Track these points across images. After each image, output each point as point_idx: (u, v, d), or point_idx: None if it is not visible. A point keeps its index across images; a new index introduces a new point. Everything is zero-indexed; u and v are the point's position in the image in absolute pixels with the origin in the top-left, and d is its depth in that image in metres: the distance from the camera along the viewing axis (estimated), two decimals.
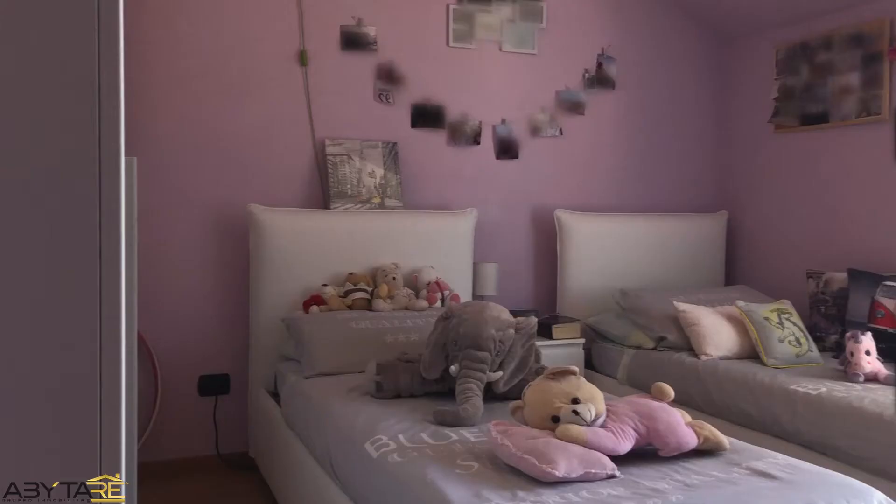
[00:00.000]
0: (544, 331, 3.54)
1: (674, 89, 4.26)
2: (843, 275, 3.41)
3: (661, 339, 3.40)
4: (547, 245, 3.96)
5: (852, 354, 2.78)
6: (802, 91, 3.85)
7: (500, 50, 3.85)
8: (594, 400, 1.94)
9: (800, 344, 3.09)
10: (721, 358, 3.14)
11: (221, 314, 3.38)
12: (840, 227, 3.69)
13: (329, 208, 3.42)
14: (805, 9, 3.76)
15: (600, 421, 1.92)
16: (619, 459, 1.83)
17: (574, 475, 1.71)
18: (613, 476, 1.76)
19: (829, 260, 3.65)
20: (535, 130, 3.94)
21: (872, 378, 2.75)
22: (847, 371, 2.79)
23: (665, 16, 4.20)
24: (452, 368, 2.39)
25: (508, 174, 3.91)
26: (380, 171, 3.54)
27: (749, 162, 4.20)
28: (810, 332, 3.29)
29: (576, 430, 1.82)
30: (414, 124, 3.69)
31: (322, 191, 3.51)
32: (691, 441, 1.91)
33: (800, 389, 2.67)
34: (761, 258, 4.14)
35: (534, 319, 2.59)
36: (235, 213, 3.33)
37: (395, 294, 3.22)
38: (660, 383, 2.10)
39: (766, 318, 3.14)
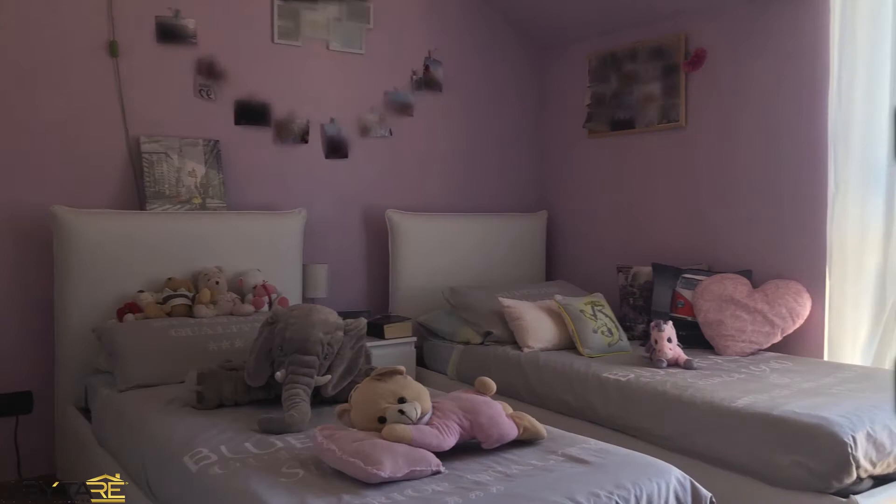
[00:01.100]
0: (376, 331, 3.55)
1: (497, 93, 4.42)
2: (649, 269, 3.71)
3: (488, 333, 3.52)
4: (379, 245, 3.98)
5: (656, 342, 3.03)
6: (612, 98, 4.13)
7: (328, 49, 3.80)
8: (420, 398, 1.97)
9: (611, 334, 3.31)
10: (542, 350, 3.31)
11: (21, 326, 3.07)
12: (646, 225, 4.01)
13: (145, 209, 3.22)
14: (614, 22, 4.04)
15: (426, 418, 1.95)
16: (444, 455, 1.87)
17: (400, 474, 1.73)
18: (438, 472, 1.80)
19: (637, 255, 3.95)
20: (364, 130, 3.94)
21: (674, 363, 3.00)
22: (652, 357, 3.03)
23: (487, 22, 4.35)
24: (278, 374, 2.34)
25: (338, 174, 3.87)
26: (201, 170, 3.39)
27: (566, 164, 4.45)
28: (621, 323, 3.55)
29: (401, 429, 1.84)
30: (238, 122, 3.55)
31: (137, 191, 3.29)
32: (512, 432, 1.99)
33: (611, 377, 2.87)
34: (577, 254, 4.40)
35: (363, 321, 2.59)
36: (37, 216, 3.04)
37: (219, 299, 3.09)
38: (483, 378, 2.18)
39: (582, 311, 3.34)
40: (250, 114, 3.58)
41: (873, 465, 2.19)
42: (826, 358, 3.19)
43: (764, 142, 3.47)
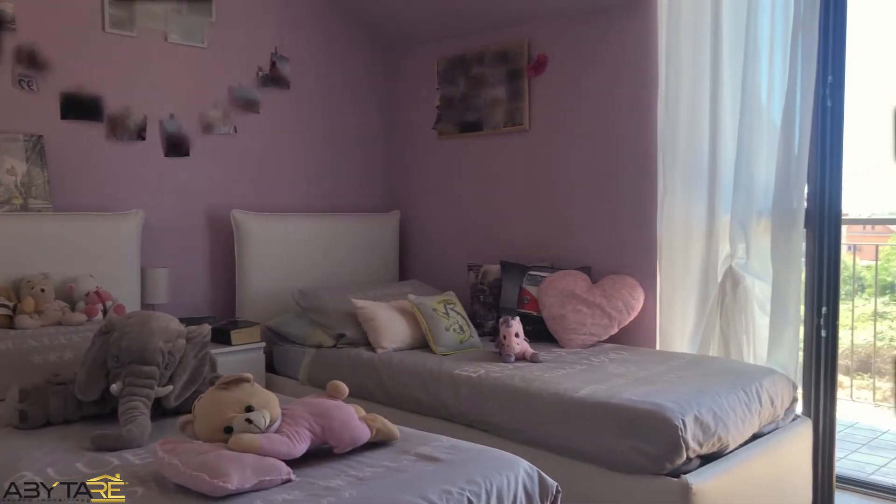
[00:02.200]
0: (222, 337, 3.41)
1: (347, 93, 4.38)
2: (498, 267, 3.82)
3: (341, 336, 3.48)
4: (224, 247, 3.82)
5: (504, 338, 3.12)
6: (460, 101, 4.21)
7: (166, 41, 3.60)
8: (268, 405, 1.91)
9: (463, 331, 3.38)
10: (395, 350, 3.31)
11: None
12: (494, 224, 4.12)
13: None
14: (461, 26, 4.12)
15: (275, 426, 1.89)
16: (295, 462, 1.82)
17: (248, 485, 1.66)
18: (289, 480, 1.75)
19: (487, 254, 4.06)
20: (207, 127, 3.77)
21: (521, 357, 3.10)
22: (501, 353, 3.12)
23: (336, 21, 4.30)
24: (114, 387, 2.18)
25: (179, 173, 3.68)
26: (21, 168, 3.10)
27: (417, 165, 4.49)
28: (472, 320, 3.62)
29: (248, 438, 1.77)
30: (65, 116, 3.29)
31: None
32: (364, 435, 1.97)
33: (462, 373, 2.92)
34: (430, 254, 4.45)
35: (207, 327, 2.47)
36: None
37: (45, 308, 2.84)
38: (334, 381, 2.14)
39: (434, 310, 3.38)
40: (79, 108, 3.32)
41: (700, 445, 2.37)
42: (658, 347, 3.42)
43: (601, 145, 3.67)
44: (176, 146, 3.66)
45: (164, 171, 3.62)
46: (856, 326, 5.55)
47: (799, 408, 3.02)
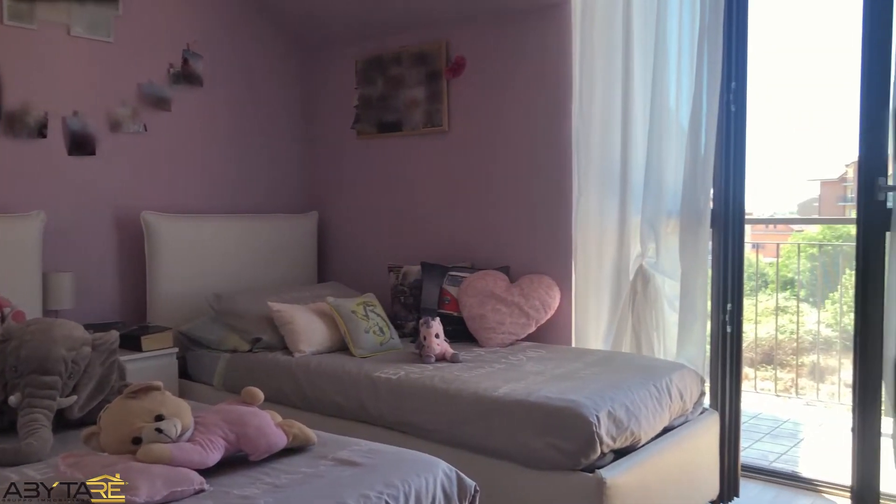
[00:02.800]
0: (133, 343, 3.28)
1: (262, 92, 4.30)
2: (418, 267, 3.82)
3: (257, 340, 3.41)
4: (134, 250, 3.68)
5: (425, 338, 3.12)
6: (378, 101, 4.20)
7: (69, 34, 3.44)
8: (180, 414, 1.85)
9: (383, 333, 3.37)
10: (314, 353, 3.27)
11: None
12: (415, 225, 4.12)
13: None
14: (379, 27, 4.11)
15: (188, 435, 1.84)
16: (209, 471, 1.77)
17: (158, 497, 1.61)
18: (202, 490, 1.70)
19: (407, 254, 4.05)
20: (115, 125, 3.62)
21: (442, 357, 3.12)
22: (421, 354, 3.12)
23: (252, 19, 4.21)
24: (12, 399, 2.07)
25: (84, 173, 3.52)
26: None
27: (336, 165, 4.45)
28: (392, 321, 3.62)
29: (158, 448, 1.71)
30: None
31: None
32: (280, 441, 1.94)
33: (382, 375, 2.91)
34: (349, 255, 4.42)
35: (115, 333, 2.38)
36: None
37: None
38: (249, 388, 2.09)
39: (354, 312, 3.35)
40: None
41: (614, 440, 2.44)
42: (574, 344, 3.49)
43: (518, 147, 3.72)
44: (80, 145, 3.50)
45: (67, 171, 3.46)
46: (759, 321, 5.83)
47: (707, 401, 3.14)
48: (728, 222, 3.14)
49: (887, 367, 2.61)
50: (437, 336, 3.13)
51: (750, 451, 3.83)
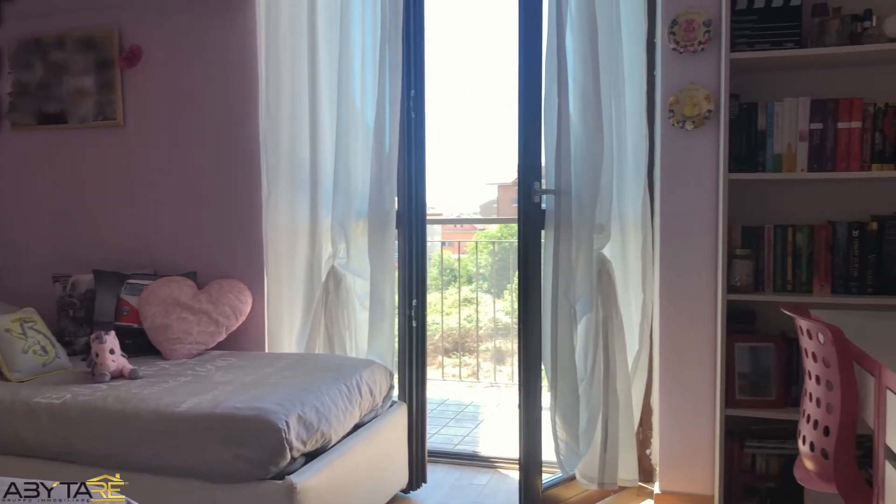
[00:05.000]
0: None
1: None
2: (90, 276, 3.45)
3: None
4: None
5: (97, 355, 2.83)
6: (38, 89, 3.70)
7: None
8: None
9: (46, 352, 2.97)
10: None
11: None
12: (86, 229, 3.71)
13: None
14: (37, 4, 3.63)
15: None
16: None
17: None
18: None
19: (77, 262, 3.64)
20: None
21: (118, 375, 2.85)
22: (94, 372, 2.82)
23: None
24: None
25: None
26: None
27: None
28: (60, 338, 3.23)
29: None
30: None
31: None
32: None
33: (43, 401, 2.56)
34: (5, 264, 3.84)
35: None
36: None
37: None
38: None
39: (8, 330, 2.91)
40: None
41: (304, 444, 2.42)
42: (267, 349, 3.42)
43: (203, 145, 3.54)
44: None
45: None
46: (449, 312, 6.27)
47: (396, 394, 3.28)
48: (412, 222, 3.30)
49: (545, 348, 2.95)
50: (111, 352, 2.85)
51: (437, 437, 4.09)
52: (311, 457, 2.49)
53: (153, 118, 3.61)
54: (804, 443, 1.97)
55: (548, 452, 2.99)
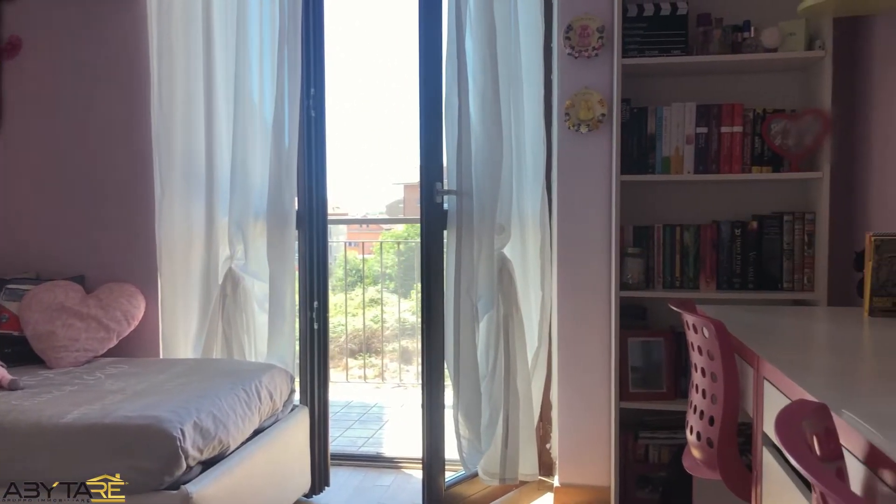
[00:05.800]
0: None
1: None
2: None
3: None
4: None
5: None
6: None
7: None
8: None
9: None
10: None
11: None
12: None
13: None
14: None
15: None
16: None
17: None
18: None
19: None
20: None
21: None
22: None
23: None
24: None
25: None
26: None
27: None
28: None
29: None
30: None
31: None
32: None
33: None
34: None
35: None
36: None
37: None
38: None
39: None
40: None
41: (201, 451, 2.35)
42: (162, 355, 3.29)
43: (91, 144, 3.37)
44: None
45: None
46: (356, 313, 6.22)
47: (297, 397, 3.22)
48: (313, 222, 3.26)
49: (448, 346, 2.97)
50: None
51: (341, 440, 4.06)
52: (208, 465, 2.42)
53: (36, 114, 3.41)
54: (691, 432, 2.06)
55: (451, 450, 3.02)
